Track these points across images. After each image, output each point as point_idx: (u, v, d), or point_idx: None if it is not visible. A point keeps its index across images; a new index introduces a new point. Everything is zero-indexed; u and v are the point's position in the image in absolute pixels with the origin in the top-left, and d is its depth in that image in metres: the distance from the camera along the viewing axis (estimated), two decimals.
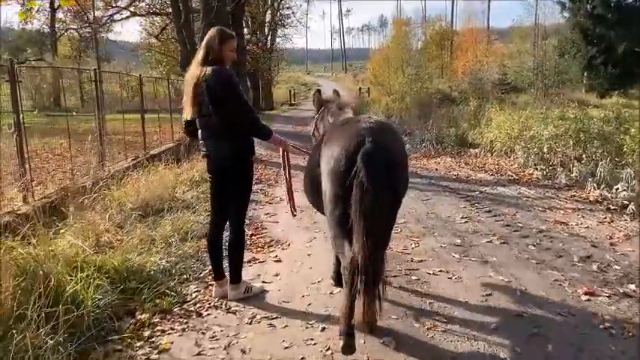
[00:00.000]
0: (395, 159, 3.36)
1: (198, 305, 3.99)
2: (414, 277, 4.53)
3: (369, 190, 3.14)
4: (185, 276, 4.54)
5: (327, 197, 3.44)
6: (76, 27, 30.72)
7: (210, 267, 4.50)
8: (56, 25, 32.68)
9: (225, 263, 4.21)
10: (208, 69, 3.81)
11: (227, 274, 4.19)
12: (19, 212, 5.67)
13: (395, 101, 22.91)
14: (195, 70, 3.90)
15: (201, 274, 4.60)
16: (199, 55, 3.94)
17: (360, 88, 35.24)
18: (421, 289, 4.30)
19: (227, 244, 4.18)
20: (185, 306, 3.97)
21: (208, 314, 3.88)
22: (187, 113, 3.98)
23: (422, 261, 4.93)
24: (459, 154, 12.14)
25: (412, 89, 23.57)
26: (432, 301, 4.06)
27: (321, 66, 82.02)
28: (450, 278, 4.49)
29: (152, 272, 4.28)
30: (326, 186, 3.44)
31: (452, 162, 11.23)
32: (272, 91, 33.98)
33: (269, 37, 31.76)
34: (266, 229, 6.21)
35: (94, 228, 5.41)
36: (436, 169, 10.41)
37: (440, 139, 13.53)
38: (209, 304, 4.03)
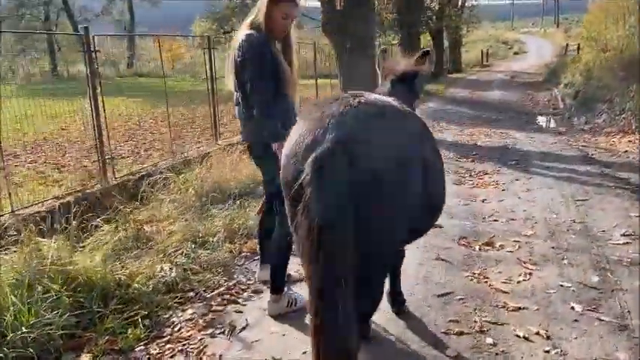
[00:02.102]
0: (381, 176, 1.93)
1: (167, 347, 3.03)
2: (488, 340, 2.95)
3: (317, 224, 1.82)
4: (192, 294, 3.64)
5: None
6: None
7: (224, 287, 3.69)
8: None
9: None
10: (244, 34, 3.11)
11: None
12: (87, 191, 5.41)
13: (602, 60, 18.89)
14: (238, 34, 3.22)
15: (211, 294, 3.64)
16: (248, 17, 3.22)
17: (567, 45, 30.38)
18: None
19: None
20: (152, 346, 3.04)
21: None
22: (227, 84, 3.37)
23: (519, 309, 3.27)
24: None
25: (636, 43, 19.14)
26: None
27: (529, 21, 73.78)
28: (548, 352, 2.82)
29: (141, 288, 3.44)
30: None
31: None
32: (460, 51, 31.17)
33: None
34: None
35: (150, 216, 4.90)
36: (625, 152, 7.85)
37: None
38: (182, 345, 3.05)
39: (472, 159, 7.77)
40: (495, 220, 4.99)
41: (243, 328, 3.20)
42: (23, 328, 2.75)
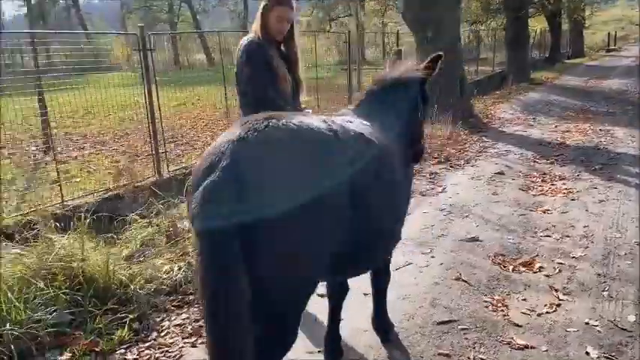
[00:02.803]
0: (277, 213, 1.70)
1: (145, 353, 3.03)
2: None
3: (201, 270, 1.70)
4: (192, 297, 3.65)
5: None
6: None
7: None
8: None
9: None
10: (245, 39, 3.17)
11: None
12: (137, 184, 5.66)
13: None
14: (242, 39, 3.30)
15: None
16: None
17: None
18: None
19: None
20: (133, 350, 3.07)
21: None
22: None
23: (525, 348, 2.88)
24: None
25: None
26: None
27: None
28: None
29: (137, 289, 3.49)
30: None
31: None
32: (582, 34, 28.44)
33: None
34: None
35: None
36: None
37: None
38: (161, 352, 3.05)
39: (552, 161, 7.04)
40: (547, 236, 4.46)
41: None
42: (8, 324, 2.91)
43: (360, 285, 3.17)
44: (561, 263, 3.92)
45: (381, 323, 2.97)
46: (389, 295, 3.29)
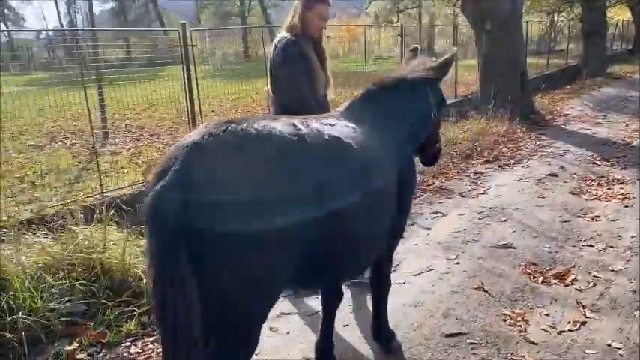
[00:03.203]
0: (227, 227, 1.63)
1: (148, 347, 3.06)
2: None
3: (149, 273, 1.70)
4: None
5: None
6: None
7: None
8: None
9: None
10: (280, 37, 3.18)
11: None
12: None
13: None
14: (277, 35, 3.30)
15: None
16: (286, 19, 3.29)
17: None
18: None
19: None
20: (138, 343, 3.12)
21: None
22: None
23: None
24: None
25: None
26: None
27: None
28: None
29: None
30: None
31: None
32: None
33: None
34: None
35: None
36: None
37: None
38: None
39: (613, 163, 6.53)
40: (589, 246, 4.14)
41: None
42: (21, 313, 3.04)
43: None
44: (597, 277, 3.61)
45: (381, 331, 2.85)
46: (400, 302, 3.20)
